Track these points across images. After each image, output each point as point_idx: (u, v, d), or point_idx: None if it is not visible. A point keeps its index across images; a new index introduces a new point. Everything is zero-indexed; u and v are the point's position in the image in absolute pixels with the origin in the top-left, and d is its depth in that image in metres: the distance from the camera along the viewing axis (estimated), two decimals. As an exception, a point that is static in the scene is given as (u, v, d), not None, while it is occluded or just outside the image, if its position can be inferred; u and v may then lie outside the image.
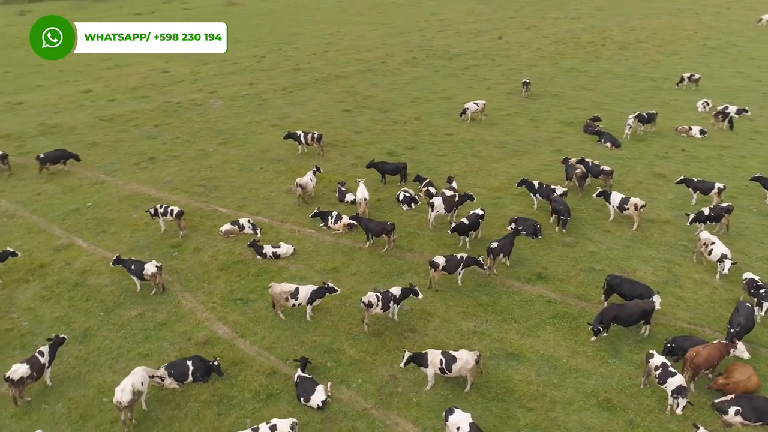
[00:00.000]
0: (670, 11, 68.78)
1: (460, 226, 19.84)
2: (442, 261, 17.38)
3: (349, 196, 23.09)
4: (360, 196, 21.93)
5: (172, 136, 31.02)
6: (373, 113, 34.54)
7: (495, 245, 18.22)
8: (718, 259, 17.88)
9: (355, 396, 13.91)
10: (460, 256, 17.74)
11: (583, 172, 23.69)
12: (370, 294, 15.79)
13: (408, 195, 22.81)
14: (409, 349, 14.53)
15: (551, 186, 22.46)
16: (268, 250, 19.37)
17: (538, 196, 22.42)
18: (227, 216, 22.23)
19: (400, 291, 16.08)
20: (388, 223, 19.69)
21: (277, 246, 19.58)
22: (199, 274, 18.72)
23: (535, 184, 22.50)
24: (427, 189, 22.98)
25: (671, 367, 13.38)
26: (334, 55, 50.06)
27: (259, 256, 19.35)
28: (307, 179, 23.24)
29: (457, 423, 12.09)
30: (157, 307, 17.10)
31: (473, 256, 17.95)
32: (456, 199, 21.36)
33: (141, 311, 16.92)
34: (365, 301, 15.60)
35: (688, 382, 13.55)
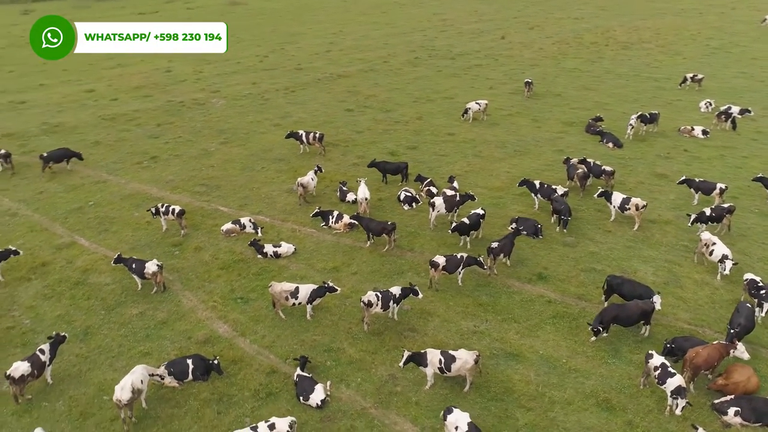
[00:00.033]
0: (674, 11, 68.65)
1: (461, 226, 19.84)
2: (442, 261, 17.39)
3: (350, 196, 23.12)
4: (361, 196, 21.94)
5: (174, 136, 31.09)
6: (375, 113, 34.56)
7: (495, 245, 18.22)
8: (719, 259, 17.85)
9: (354, 395, 13.93)
10: (461, 256, 17.74)
11: (584, 172, 23.66)
12: (369, 293, 15.80)
13: (409, 195, 22.83)
14: (409, 348, 14.54)
15: (552, 186, 22.45)
16: (269, 249, 19.41)
17: (539, 196, 22.41)
18: (228, 215, 22.28)
19: (400, 290, 16.09)
20: (389, 223, 19.70)
21: (278, 245, 19.62)
22: (200, 273, 18.76)
23: (536, 184, 22.49)
24: (428, 189, 23.00)
25: (670, 368, 13.37)
26: (336, 55, 50.09)
27: (259, 255, 19.39)
28: (309, 179, 23.28)
29: (455, 422, 12.09)
30: (158, 306, 17.15)
31: (474, 256, 17.95)
32: (457, 198, 21.37)
33: (142, 310, 16.97)
34: (365, 301, 15.61)
35: (688, 383, 13.54)
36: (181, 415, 13.46)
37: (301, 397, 13.56)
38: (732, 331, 14.56)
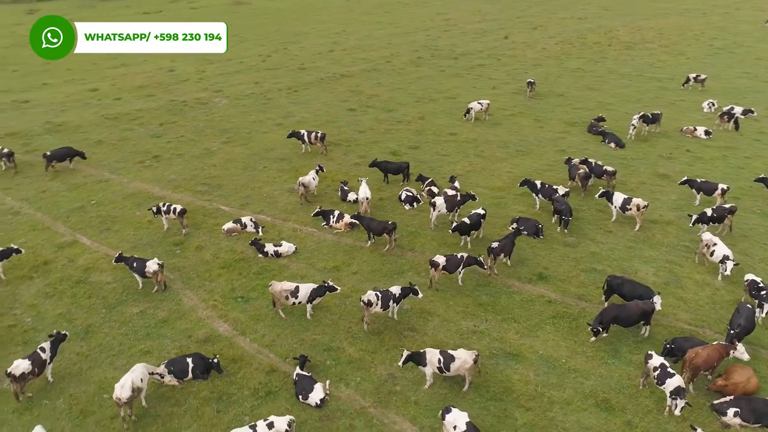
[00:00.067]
0: (677, 11, 68.50)
1: (462, 226, 19.84)
2: (442, 260, 17.39)
3: (351, 195, 23.16)
4: (362, 195, 21.97)
5: (176, 135, 31.17)
6: (377, 113, 34.58)
7: (496, 245, 18.22)
8: (720, 260, 17.82)
9: (353, 394, 13.95)
10: (461, 256, 17.74)
11: (586, 172, 23.63)
12: (369, 293, 15.81)
13: (410, 194, 22.84)
14: (408, 348, 14.54)
15: (553, 186, 22.42)
16: (270, 248, 19.44)
17: (540, 196, 22.39)
18: (230, 214, 22.33)
19: (399, 290, 16.10)
20: (390, 223, 19.71)
21: (279, 244, 19.65)
22: (201, 272, 18.81)
23: (538, 184, 22.47)
24: (430, 188, 23.01)
25: (670, 368, 13.35)
26: (339, 55, 50.14)
27: (260, 255, 19.43)
28: (310, 178, 23.32)
29: (453, 422, 12.08)
30: (159, 305, 17.20)
31: (474, 256, 17.95)
32: (458, 198, 21.37)
33: (142, 308, 17.03)
34: (365, 300, 15.63)
35: (687, 383, 13.51)
36: (180, 413, 13.50)
37: (300, 396, 13.59)
38: (732, 331, 14.53)
